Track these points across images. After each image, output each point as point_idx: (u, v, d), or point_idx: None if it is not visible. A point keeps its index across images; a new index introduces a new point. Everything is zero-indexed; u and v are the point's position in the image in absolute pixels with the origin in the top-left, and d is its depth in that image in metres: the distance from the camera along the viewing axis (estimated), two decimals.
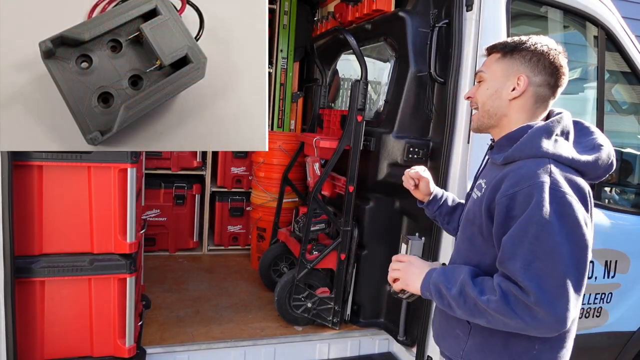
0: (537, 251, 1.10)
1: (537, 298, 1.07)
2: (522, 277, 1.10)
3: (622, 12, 2.69)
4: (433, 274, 1.29)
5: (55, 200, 2.03)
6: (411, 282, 1.33)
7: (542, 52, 1.27)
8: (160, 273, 3.58)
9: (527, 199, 1.13)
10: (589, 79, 2.92)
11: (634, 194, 2.85)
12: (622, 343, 2.79)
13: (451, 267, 1.31)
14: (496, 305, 1.12)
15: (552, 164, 1.17)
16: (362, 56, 2.75)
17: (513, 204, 1.15)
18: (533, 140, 1.20)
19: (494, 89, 1.31)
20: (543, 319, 1.08)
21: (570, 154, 1.20)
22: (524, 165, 1.19)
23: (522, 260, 1.11)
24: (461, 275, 1.22)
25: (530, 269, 1.10)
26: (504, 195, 1.17)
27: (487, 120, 1.34)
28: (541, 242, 1.10)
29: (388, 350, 2.91)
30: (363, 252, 2.89)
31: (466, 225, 1.37)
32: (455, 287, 1.21)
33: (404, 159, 2.59)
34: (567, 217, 1.11)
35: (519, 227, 1.13)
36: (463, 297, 1.19)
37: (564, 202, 1.12)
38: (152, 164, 3.84)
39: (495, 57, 1.33)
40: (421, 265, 1.35)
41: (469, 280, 1.20)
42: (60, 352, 2.14)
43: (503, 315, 1.12)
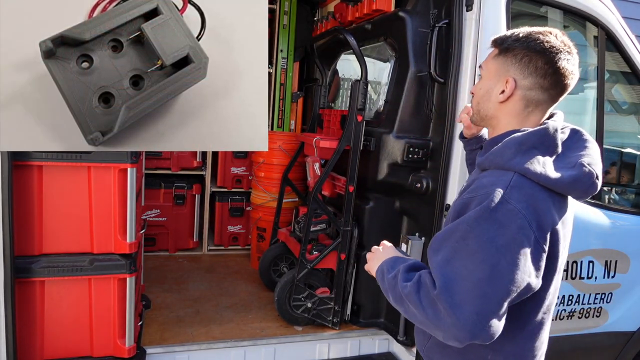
0: (459, 250, 1.06)
1: (440, 293, 1.04)
2: (437, 271, 1.08)
3: (622, 12, 2.69)
4: (386, 260, 1.29)
5: (55, 200, 2.02)
6: (372, 265, 1.34)
7: (536, 52, 1.15)
8: (160, 273, 3.58)
9: (478, 205, 1.08)
10: (589, 79, 2.92)
11: (634, 194, 2.85)
12: (622, 343, 2.79)
13: (404, 258, 1.30)
14: (408, 291, 1.11)
15: (516, 177, 1.09)
16: (362, 56, 2.75)
17: (464, 210, 1.11)
18: (503, 152, 1.14)
19: (486, 89, 1.24)
20: (445, 320, 1.03)
21: (540, 169, 1.09)
22: (489, 175, 1.14)
23: (443, 256, 1.09)
24: (402, 265, 1.22)
25: (447, 266, 1.07)
26: (460, 199, 1.15)
27: (478, 120, 1.30)
28: (466, 243, 1.05)
29: (388, 350, 2.90)
30: (363, 252, 2.88)
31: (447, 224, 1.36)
32: (393, 271, 1.21)
33: (404, 159, 2.59)
34: (506, 229, 1.04)
35: (453, 225, 1.11)
36: (394, 282, 1.18)
37: (510, 216, 1.04)
38: (152, 164, 3.84)
39: (493, 53, 1.24)
40: (388, 253, 1.34)
41: (405, 268, 1.19)
42: (60, 352, 2.13)
43: (411, 303, 1.10)
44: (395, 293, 1.17)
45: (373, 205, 2.87)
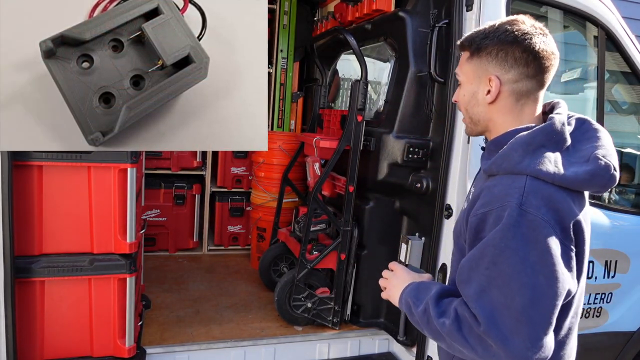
0: (493, 277, 0.99)
1: (487, 329, 0.97)
2: (474, 304, 1.00)
3: (622, 12, 2.69)
4: (408, 289, 1.21)
5: (55, 200, 2.02)
6: (392, 294, 1.28)
7: (509, 43, 1.09)
8: (160, 273, 3.58)
9: (496, 220, 1.01)
10: (589, 79, 2.92)
11: (634, 194, 2.85)
12: (622, 343, 2.79)
13: (425, 283, 1.22)
14: (448, 329, 1.04)
15: (529, 181, 1.02)
16: (362, 56, 2.75)
17: (483, 226, 1.04)
18: (510, 154, 1.06)
19: (470, 93, 1.17)
20: (498, 354, 0.97)
21: (552, 169, 1.02)
22: (499, 182, 1.06)
23: (476, 286, 1.01)
24: (429, 294, 1.14)
25: (484, 297, 0.99)
26: (474, 214, 1.07)
27: (474, 127, 1.22)
28: (499, 268, 0.98)
29: (388, 350, 2.91)
30: (363, 252, 2.89)
31: (454, 238, 1.27)
32: (421, 305, 1.13)
33: (404, 159, 2.59)
34: (535, 243, 0.98)
35: (478, 249, 1.03)
36: (426, 317, 1.11)
37: (534, 227, 0.98)
38: (152, 164, 3.84)
39: (465, 56, 1.18)
40: (404, 277, 1.27)
41: (434, 300, 1.11)
42: (60, 352, 2.13)
43: (455, 341, 1.05)
44: (431, 329, 1.11)
45: (373, 205, 2.87)
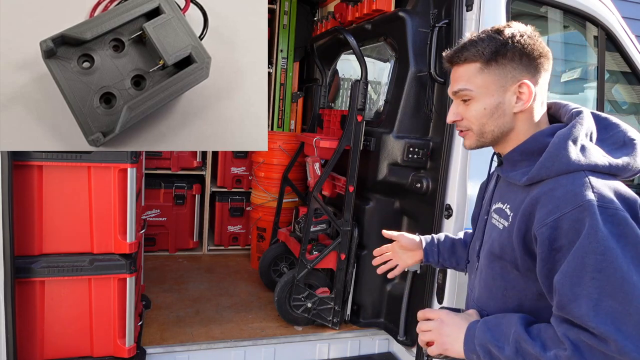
0: (603, 286, 0.89)
1: (620, 345, 0.86)
2: (594, 322, 0.89)
3: (622, 12, 2.69)
4: (476, 333, 1.05)
5: (55, 200, 2.02)
6: (450, 347, 1.09)
7: (530, 45, 1.06)
8: (160, 273, 3.58)
9: (575, 225, 0.93)
10: (589, 79, 2.92)
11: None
12: None
13: (494, 319, 1.07)
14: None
15: (590, 176, 0.98)
16: (362, 56, 2.75)
17: (556, 234, 0.95)
18: (559, 153, 1.01)
19: (493, 105, 1.09)
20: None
21: (606, 160, 1.00)
22: (558, 185, 0.99)
23: (587, 301, 0.90)
24: (512, 329, 1.00)
25: (601, 310, 0.89)
26: (543, 224, 0.97)
27: (484, 140, 1.14)
28: (606, 274, 0.90)
29: (388, 350, 2.91)
30: (363, 252, 2.89)
31: (492, 260, 1.16)
32: (508, 345, 0.99)
33: (404, 159, 2.59)
34: (626, 237, 0.92)
35: (574, 261, 0.92)
36: (522, 357, 0.97)
37: (618, 220, 0.92)
38: (152, 164, 3.84)
39: (473, 67, 1.09)
40: (455, 322, 1.11)
41: (525, 335, 0.98)
42: (60, 352, 2.13)
43: None
44: None
45: (373, 205, 2.87)
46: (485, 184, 1.37)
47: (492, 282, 1.17)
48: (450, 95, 1.17)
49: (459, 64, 1.12)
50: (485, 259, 1.20)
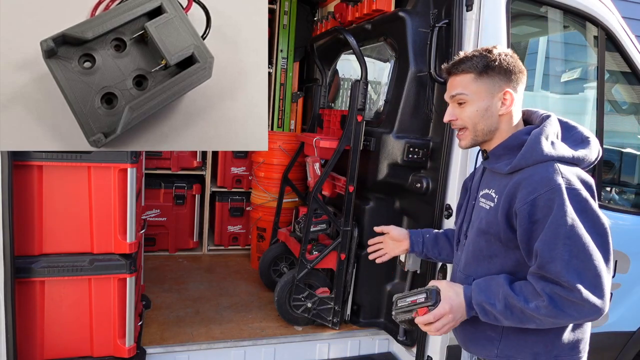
0: (571, 250, 1.19)
1: (582, 293, 1.17)
2: (565, 277, 1.18)
3: (622, 12, 2.69)
4: (472, 294, 1.33)
5: (55, 200, 2.02)
6: (461, 319, 1.36)
7: (512, 63, 1.35)
8: (160, 273, 3.57)
9: (548, 203, 1.21)
10: (589, 79, 2.92)
11: (634, 194, 2.85)
12: (622, 343, 2.79)
13: (484, 281, 1.34)
14: (546, 310, 1.21)
15: (559, 165, 1.26)
16: (362, 56, 2.75)
17: (534, 210, 1.23)
18: (535, 147, 1.29)
19: (483, 108, 1.36)
20: (589, 310, 1.18)
21: (571, 153, 1.30)
22: (534, 172, 1.27)
23: (560, 261, 1.19)
24: (500, 289, 1.28)
25: (570, 267, 1.18)
26: (524, 203, 1.25)
27: (481, 138, 1.41)
28: (574, 241, 1.19)
29: (388, 350, 2.91)
30: (363, 252, 2.88)
31: (480, 235, 1.41)
32: (499, 301, 1.27)
33: (404, 159, 2.59)
34: (586, 212, 1.22)
35: (549, 232, 1.21)
36: (510, 310, 1.26)
37: (581, 199, 1.22)
38: (152, 164, 3.84)
39: (468, 77, 1.36)
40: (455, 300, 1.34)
41: (511, 292, 1.26)
42: (60, 352, 2.13)
43: (554, 317, 1.22)
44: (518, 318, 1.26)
45: (373, 205, 2.87)
46: (469, 178, 1.64)
47: (479, 253, 1.43)
48: (447, 100, 1.45)
49: (456, 74, 1.39)
50: (474, 235, 1.45)
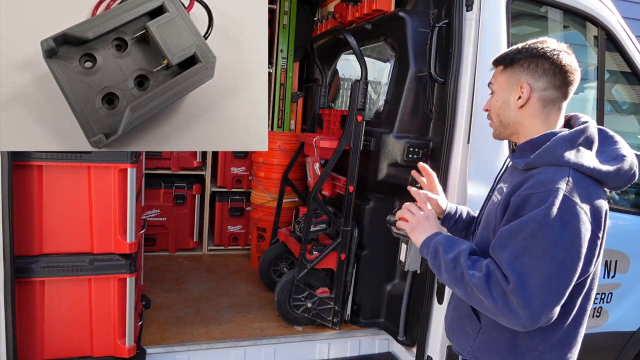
0: (528, 247, 1.15)
1: (515, 288, 1.13)
2: (507, 266, 1.16)
3: (622, 12, 2.69)
4: (438, 237, 1.36)
5: (55, 200, 2.02)
6: (417, 233, 1.41)
7: (540, 57, 1.29)
8: (160, 273, 3.57)
9: (539, 203, 1.16)
10: (589, 79, 2.92)
11: (634, 194, 2.85)
12: (622, 343, 2.79)
13: (456, 238, 1.39)
14: (477, 280, 1.19)
15: (572, 173, 1.20)
16: (362, 56, 2.75)
17: (523, 205, 1.19)
18: (555, 149, 1.24)
19: (502, 99, 1.36)
20: (515, 310, 1.13)
21: (592, 164, 1.22)
22: (544, 171, 1.22)
23: (511, 251, 1.17)
24: (462, 246, 1.30)
25: (517, 262, 1.15)
26: (518, 195, 1.22)
27: (503, 130, 1.40)
28: (535, 240, 1.14)
29: (388, 350, 2.90)
30: (363, 252, 2.89)
31: (484, 226, 1.42)
32: (452, 253, 1.29)
33: (404, 159, 2.59)
34: (569, 225, 1.15)
35: (519, 222, 1.18)
36: (454, 264, 1.27)
37: (572, 212, 1.15)
38: (152, 164, 3.83)
39: (499, 69, 1.38)
40: (434, 224, 1.42)
41: (466, 253, 1.28)
42: (60, 352, 2.13)
43: (480, 292, 1.19)
44: (454, 275, 1.26)
45: (373, 205, 2.87)
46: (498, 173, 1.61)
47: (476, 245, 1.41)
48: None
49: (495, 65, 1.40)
50: (480, 227, 1.46)
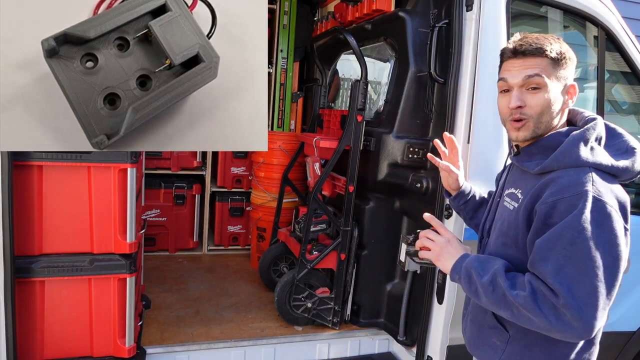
0: (570, 256, 1.10)
1: (566, 301, 1.08)
2: (552, 279, 1.11)
3: (622, 12, 2.69)
4: (467, 258, 1.29)
5: (55, 200, 2.02)
6: (443, 260, 1.33)
7: (574, 59, 1.25)
8: (160, 273, 3.57)
9: (569, 208, 1.12)
10: (589, 79, 2.92)
11: (634, 194, 2.85)
12: (622, 343, 2.79)
13: (485, 257, 1.30)
14: (524, 300, 1.13)
15: (594, 172, 1.16)
16: (362, 56, 2.75)
17: (552, 212, 1.15)
18: (571, 149, 1.19)
19: (554, 98, 1.23)
20: (569, 322, 1.09)
21: (609, 161, 1.19)
22: (565, 174, 1.18)
23: (553, 264, 1.11)
24: (495, 266, 1.23)
25: (561, 273, 1.10)
26: (543, 202, 1.17)
27: (541, 131, 1.26)
28: (575, 248, 1.10)
29: (388, 350, 2.90)
30: (363, 252, 2.89)
31: (499, 236, 1.36)
32: (487, 275, 1.21)
33: (404, 159, 2.59)
34: (604, 227, 1.11)
35: (554, 231, 1.13)
36: (492, 286, 1.19)
37: (604, 212, 1.11)
38: (152, 164, 3.84)
39: (546, 61, 1.22)
40: (458, 246, 1.35)
41: (502, 272, 1.20)
42: (60, 352, 2.13)
43: (529, 311, 1.13)
44: (495, 298, 1.19)
45: (373, 205, 2.87)
46: (500, 173, 1.57)
47: (496, 251, 1.36)
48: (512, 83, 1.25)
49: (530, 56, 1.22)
50: (494, 236, 1.39)
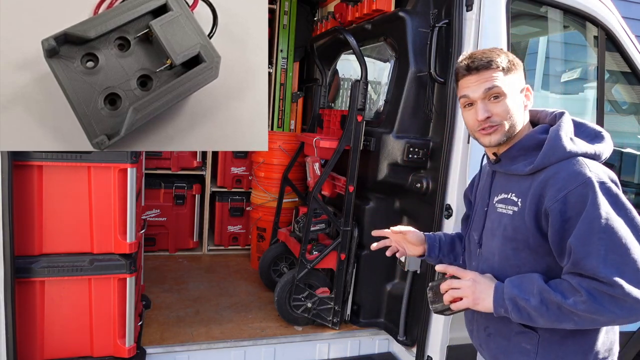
0: (608, 244, 1.13)
1: (622, 288, 1.10)
2: (603, 272, 1.12)
3: (622, 12, 2.69)
4: (504, 289, 1.24)
5: (55, 200, 2.02)
6: (481, 302, 1.27)
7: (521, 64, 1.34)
8: (160, 273, 3.57)
9: (580, 198, 1.16)
10: (589, 79, 2.92)
11: (634, 193, 2.85)
12: (622, 343, 2.77)
13: (517, 278, 1.26)
14: (586, 305, 1.13)
15: (585, 160, 1.22)
16: (362, 56, 2.75)
17: (566, 207, 1.17)
18: (557, 144, 1.24)
19: (517, 103, 1.31)
20: (632, 306, 1.11)
21: (592, 148, 1.26)
22: (560, 168, 1.21)
23: (596, 257, 1.13)
24: (534, 284, 1.21)
25: (608, 263, 1.12)
26: (554, 201, 1.19)
27: (511, 134, 1.31)
28: (609, 234, 1.13)
29: (388, 350, 2.90)
30: (363, 252, 2.89)
31: (505, 243, 1.32)
32: (533, 297, 1.19)
33: (404, 159, 2.59)
34: (620, 205, 1.17)
35: (583, 227, 1.15)
36: (545, 306, 1.18)
37: (612, 193, 1.17)
38: (152, 164, 3.83)
39: (499, 72, 1.29)
40: (486, 281, 1.30)
41: (546, 287, 1.19)
42: (60, 352, 2.13)
43: (593, 314, 1.14)
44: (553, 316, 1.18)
45: (373, 205, 2.87)
46: (470, 188, 1.61)
47: (505, 263, 1.33)
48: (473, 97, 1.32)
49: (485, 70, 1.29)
50: (499, 244, 1.35)
